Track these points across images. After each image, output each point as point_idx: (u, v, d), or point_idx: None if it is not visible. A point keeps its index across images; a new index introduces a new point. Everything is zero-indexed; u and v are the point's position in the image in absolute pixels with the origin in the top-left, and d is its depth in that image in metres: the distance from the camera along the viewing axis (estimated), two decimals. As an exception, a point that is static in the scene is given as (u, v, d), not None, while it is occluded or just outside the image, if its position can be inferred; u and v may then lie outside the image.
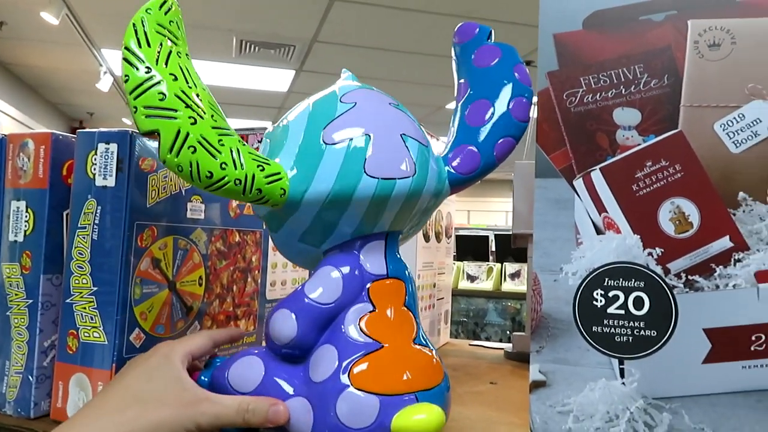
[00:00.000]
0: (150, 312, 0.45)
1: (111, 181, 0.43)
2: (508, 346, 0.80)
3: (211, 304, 0.51)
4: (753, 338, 0.40)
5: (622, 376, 0.43)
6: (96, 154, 0.44)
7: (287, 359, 0.39)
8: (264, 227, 0.58)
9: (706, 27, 0.43)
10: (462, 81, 0.52)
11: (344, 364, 0.36)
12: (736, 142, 0.42)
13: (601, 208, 0.45)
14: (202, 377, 0.39)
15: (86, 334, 0.43)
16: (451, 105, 4.23)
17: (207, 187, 0.35)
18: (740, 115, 0.42)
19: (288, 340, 0.38)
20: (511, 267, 2.51)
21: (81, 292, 0.43)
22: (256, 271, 0.57)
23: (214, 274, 0.51)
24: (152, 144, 0.45)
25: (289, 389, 0.38)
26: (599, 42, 0.45)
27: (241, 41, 3.23)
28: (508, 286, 2.42)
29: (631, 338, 0.43)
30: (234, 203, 0.54)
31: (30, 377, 0.44)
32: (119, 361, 0.43)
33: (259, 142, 0.81)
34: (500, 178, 9.39)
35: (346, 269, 0.39)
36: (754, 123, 0.42)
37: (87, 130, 0.45)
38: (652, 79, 0.44)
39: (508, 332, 3.00)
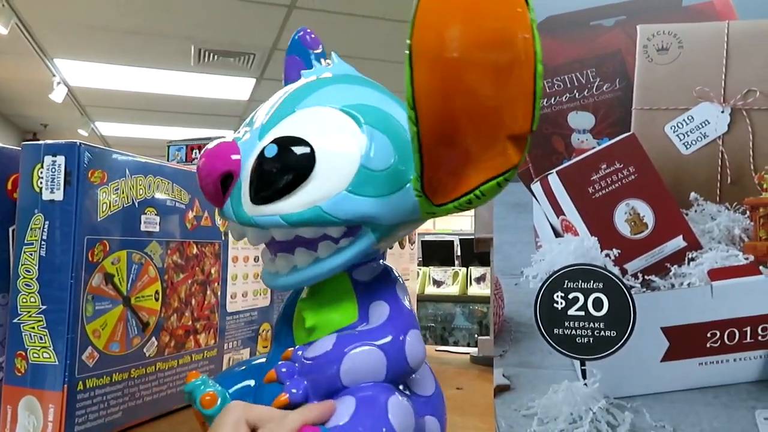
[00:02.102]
0: (103, 329, 0.43)
1: (59, 195, 0.42)
2: (474, 350, 0.80)
3: (168, 318, 0.50)
4: (708, 335, 0.41)
5: (584, 377, 0.44)
6: (42, 167, 0.42)
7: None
8: (224, 238, 0.57)
9: (655, 32, 0.44)
10: None
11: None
12: (686, 143, 0.43)
13: (558, 210, 0.45)
14: None
15: (35, 355, 0.41)
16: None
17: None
18: (689, 117, 0.43)
19: (423, 360, 0.35)
20: (476, 271, 2.53)
21: (29, 311, 0.42)
22: (216, 284, 0.56)
23: (171, 287, 0.50)
24: (102, 153, 0.43)
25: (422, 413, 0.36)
26: (552, 47, 0.45)
27: (200, 50, 3.19)
28: (474, 290, 2.44)
29: (591, 339, 0.44)
30: (191, 215, 0.52)
31: (-24, 402, 0.42)
32: (71, 382, 0.41)
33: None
34: None
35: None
36: (703, 125, 0.43)
37: (32, 142, 0.43)
38: (605, 83, 0.45)
39: (475, 336, 3.01)
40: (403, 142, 0.33)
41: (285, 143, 0.32)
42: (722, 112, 0.42)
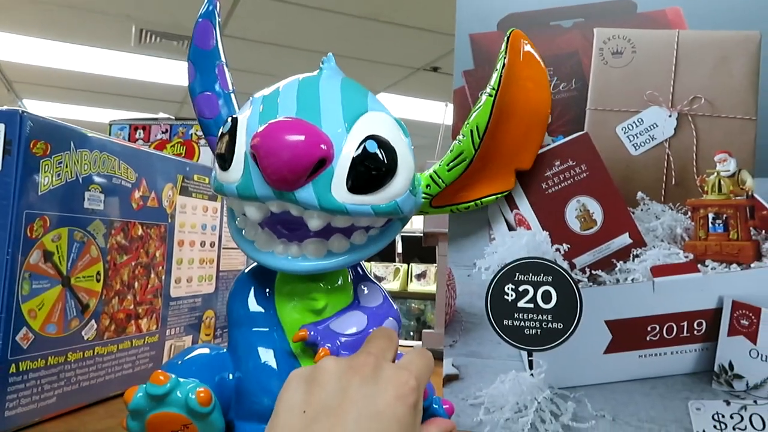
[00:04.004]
0: (40, 309, 0.41)
1: (-4, 165, 0.39)
2: (417, 344, 0.81)
3: (109, 302, 0.48)
4: (648, 329, 0.43)
5: (531, 367, 0.45)
6: (-21, 134, 0.39)
7: None
8: (170, 221, 0.55)
9: (610, 35, 0.46)
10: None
11: None
12: (635, 144, 0.45)
13: (512, 205, 0.46)
14: None
15: (-36, 335, 0.39)
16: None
17: None
18: (639, 120, 0.45)
19: None
20: (417, 268, 2.55)
21: (-42, 288, 0.39)
22: (160, 267, 0.54)
23: (114, 269, 0.48)
24: (48, 122, 0.41)
25: None
26: (513, 44, 0.46)
27: (141, 30, 3.07)
28: (414, 286, 2.46)
29: (539, 331, 0.45)
30: (137, 194, 0.50)
31: None
32: (3, 363, 0.39)
33: (164, 132, 0.78)
34: None
35: None
36: (651, 127, 0.44)
37: (-31, 108, 0.40)
38: (561, 83, 0.46)
39: (411, 332, 3.04)
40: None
41: (382, 143, 0.36)
42: (669, 116, 0.44)
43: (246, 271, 0.43)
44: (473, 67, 0.48)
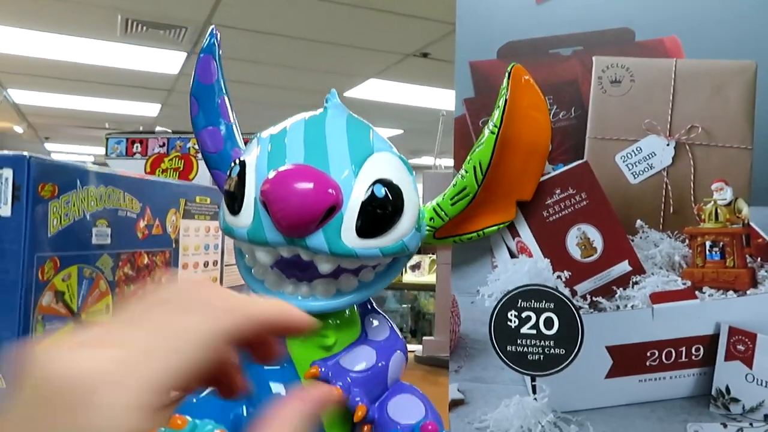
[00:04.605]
0: (53, 349, 0.42)
1: (6, 211, 0.39)
2: (418, 348, 0.82)
3: (118, 332, 0.48)
4: (648, 354, 0.44)
5: (534, 392, 0.46)
6: (-13, 180, 0.40)
7: None
8: (174, 246, 0.56)
9: (609, 64, 0.46)
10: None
11: None
12: (634, 173, 0.45)
13: (514, 233, 0.47)
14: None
15: (-21, 379, 0.39)
16: (350, 92, 4.19)
17: None
18: (638, 149, 0.45)
19: None
20: (411, 259, 2.58)
21: (-28, 333, 0.39)
22: (166, 293, 0.55)
23: (123, 300, 0.49)
24: (56, 163, 0.41)
25: None
26: (513, 72, 0.47)
27: (127, 20, 3.03)
28: (409, 277, 2.48)
29: (542, 357, 0.46)
30: (142, 224, 0.51)
31: None
32: (19, 406, 0.39)
33: (161, 146, 0.78)
34: (425, 164, 9.53)
35: None
36: (650, 156, 0.45)
37: (-26, 152, 0.41)
38: (561, 111, 0.47)
39: (408, 318, 3.08)
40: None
41: (389, 185, 0.37)
42: (668, 145, 0.45)
43: (255, 306, 0.44)
44: (473, 95, 0.48)
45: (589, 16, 0.47)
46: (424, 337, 0.79)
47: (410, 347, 0.86)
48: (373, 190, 0.37)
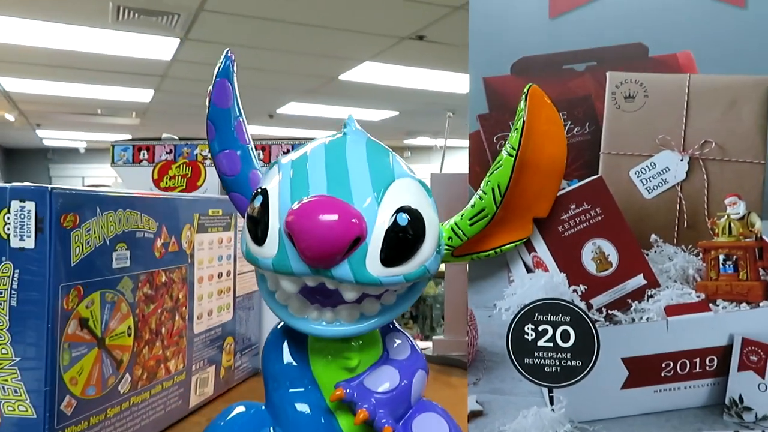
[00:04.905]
0: (80, 375, 0.42)
1: (30, 243, 0.40)
2: (427, 346, 0.83)
3: (140, 352, 0.49)
4: (663, 365, 0.45)
5: (552, 403, 0.47)
6: (9, 212, 0.40)
7: None
8: (189, 261, 0.56)
9: (623, 80, 0.46)
10: None
11: None
12: (648, 188, 0.46)
13: (530, 247, 0.47)
14: None
15: (10, 408, 0.40)
16: (345, 76, 4.19)
17: None
18: (652, 164, 0.46)
19: None
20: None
21: (1, 364, 0.40)
22: (183, 308, 0.55)
23: (143, 320, 0.49)
24: (74, 190, 0.41)
25: None
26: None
27: (119, 7, 2.99)
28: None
29: (559, 368, 0.47)
30: (159, 243, 0.51)
31: (-56, 457, 0.41)
32: (50, 433, 0.40)
33: (168, 153, 0.78)
34: (420, 144, 9.49)
35: None
36: (664, 171, 0.46)
37: (-5, 185, 0.41)
38: (575, 127, 0.47)
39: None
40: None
41: (412, 213, 0.37)
42: (681, 160, 0.45)
43: (279, 327, 0.45)
44: (488, 111, 0.48)
45: (602, 31, 0.47)
46: (434, 337, 0.80)
47: (422, 345, 0.87)
48: (396, 219, 0.37)
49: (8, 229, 0.40)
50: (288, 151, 0.76)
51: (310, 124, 6.92)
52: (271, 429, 0.42)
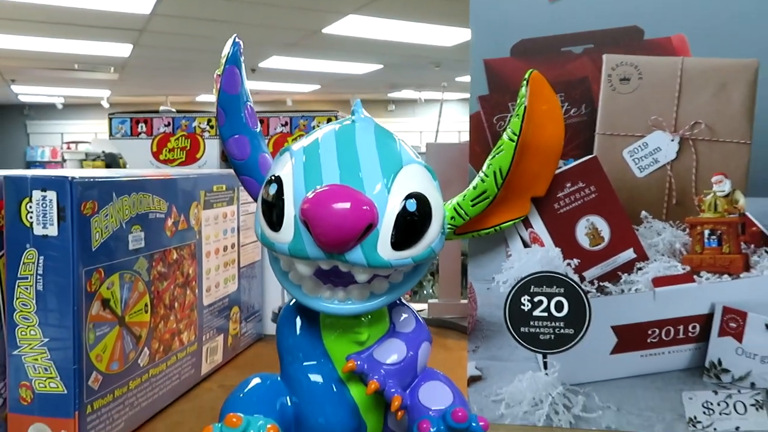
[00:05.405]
0: (104, 352, 0.45)
1: (53, 231, 0.41)
2: (423, 308, 0.87)
3: (156, 327, 0.51)
4: (649, 332, 0.49)
5: (546, 368, 0.51)
6: (31, 201, 0.41)
7: None
8: (197, 237, 0.58)
9: (618, 62, 0.48)
10: None
11: None
12: (640, 167, 0.48)
13: (527, 224, 0.50)
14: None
15: (41, 385, 0.42)
16: (328, 29, 4.11)
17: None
18: (644, 144, 0.48)
19: None
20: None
21: (30, 344, 0.42)
22: (193, 282, 0.58)
23: (158, 297, 0.51)
24: (92, 178, 0.43)
25: None
26: (525, 69, 0.48)
27: (94, -41, 2.89)
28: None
29: (552, 336, 0.50)
30: (170, 222, 0.53)
31: (-20, 430, 0.43)
32: (81, 407, 0.43)
33: (166, 125, 0.78)
34: (404, 97, 9.38)
35: None
36: (655, 151, 0.48)
37: (16, 174, 0.42)
38: (572, 108, 0.49)
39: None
40: None
41: (419, 198, 0.40)
42: (672, 140, 0.48)
43: (291, 304, 0.47)
44: (488, 92, 0.50)
45: (599, 14, 0.48)
46: (429, 300, 0.83)
47: (418, 306, 0.90)
48: (405, 205, 0.39)
49: (31, 217, 0.41)
50: (286, 124, 0.77)
51: (294, 78, 6.81)
52: (287, 399, 0.45)
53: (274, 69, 6.01)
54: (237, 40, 0.47)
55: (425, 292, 3.10)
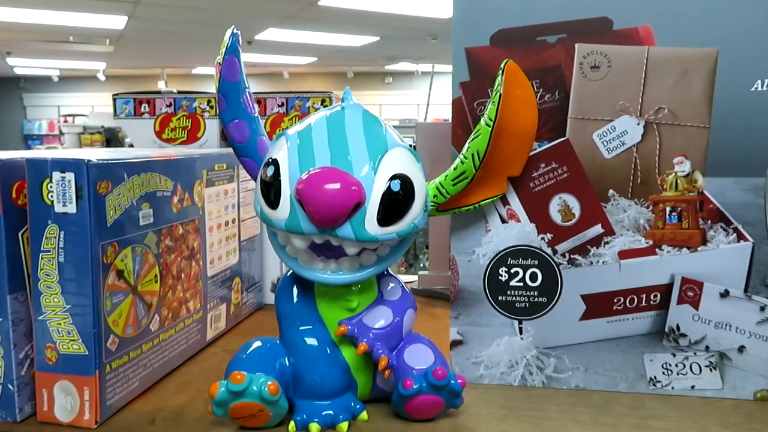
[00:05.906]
0: (120, 318, 0.50)
1: (72, 208, 0.46)
2: (414, 279, 0.92)
3: (165, 296, 0.56)
4: (615, 300, 0.54)
5: (521, 333, 0.55)
6: (51, 181, 0.45)
7: None
8: (201, 213, 0.63)
9: (589, 51, 0.52)
10: None
11: None
12: (608, 149, 0.53)
13: (505, 201, 0.54)
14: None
15: (65, 347, 0.47)
16: (324, 1, 4.09)
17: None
18: (612, 127, 0.52)
19: None
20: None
21: (54, 310, 0.47)
22: (198, 255, 0.62)
23: (166, 268, 0.56)
24: (106, 159, 0.47)
25: None
26: (503, 57, 0.52)
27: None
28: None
29: (527, 304, 0.55)
30: (175, 199, 0.57)
31: (10, 386, 0.48)
32: (100, 367, 0.48)
33: (168, 106, 0.82)
34: (401, 69, 9.31)
35: None
36: (622, 134, 0.52)
37: (36, 157, 0.46)
38: (546, 94, 0.53)
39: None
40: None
41: (403, 179, 0.45)
42: (638, 124, 0.52)
43: (288, 274, 0.52)
44: (469, 78, 0.54)
45: (572, 5, 0.52)
46: (420, 272, 0.88)
47: (406, 278, 0.95)
48: (390, 186, 0.44)
49: (51, 196, 0.46)
50: (282, 104, 0.81)
51: (291, 51, 6.77)
52: (286, 359, 0.50)
53: (271, 41, 5.98)
54: (235, 31, 0.50)
55: (421, 264, 3.16)
